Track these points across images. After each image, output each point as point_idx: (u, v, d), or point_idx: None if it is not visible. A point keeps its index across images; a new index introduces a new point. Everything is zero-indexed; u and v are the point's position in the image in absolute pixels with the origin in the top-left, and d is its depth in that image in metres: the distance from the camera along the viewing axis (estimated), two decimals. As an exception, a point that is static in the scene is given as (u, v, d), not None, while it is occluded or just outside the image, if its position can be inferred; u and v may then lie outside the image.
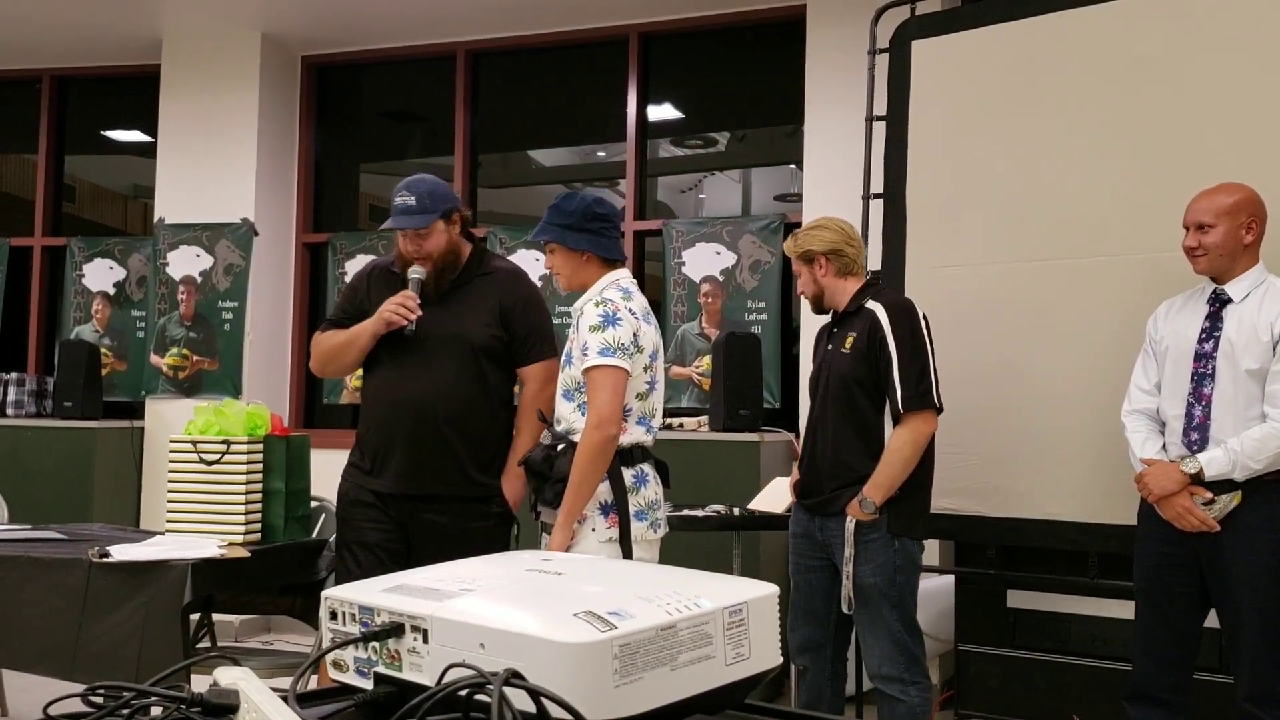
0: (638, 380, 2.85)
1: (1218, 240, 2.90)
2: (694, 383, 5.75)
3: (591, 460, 2.76)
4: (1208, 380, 2.90)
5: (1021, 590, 3.86)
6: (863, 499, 3.09)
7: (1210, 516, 2.84)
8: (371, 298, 3.21)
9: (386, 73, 6.88)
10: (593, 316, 2.82)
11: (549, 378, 3.15)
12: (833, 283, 3.25)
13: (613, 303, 2.83)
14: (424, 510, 3.13)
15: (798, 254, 3.28)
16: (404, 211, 3.10)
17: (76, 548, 3.24)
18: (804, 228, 3.34)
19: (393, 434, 3.13)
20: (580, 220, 2.91)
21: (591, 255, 2.92)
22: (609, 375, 2.77)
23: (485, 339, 3.15)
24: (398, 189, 3.13)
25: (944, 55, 3.98)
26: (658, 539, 2.92)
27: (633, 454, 2.86)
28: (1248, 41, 3.41)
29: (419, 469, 3.12)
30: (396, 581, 1.17)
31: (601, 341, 2.78)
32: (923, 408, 3.09)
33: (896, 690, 3.13)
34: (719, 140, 6.57)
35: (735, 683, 1.11)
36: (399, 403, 3.12)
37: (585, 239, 2.91)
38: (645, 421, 2.89)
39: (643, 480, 2.87)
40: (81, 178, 7.48)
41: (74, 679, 3.00)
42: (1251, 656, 2.83)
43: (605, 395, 2.76)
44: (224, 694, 0.99)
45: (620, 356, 2.78)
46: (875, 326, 3.13)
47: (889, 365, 3.10)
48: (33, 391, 6.46)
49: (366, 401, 3.24)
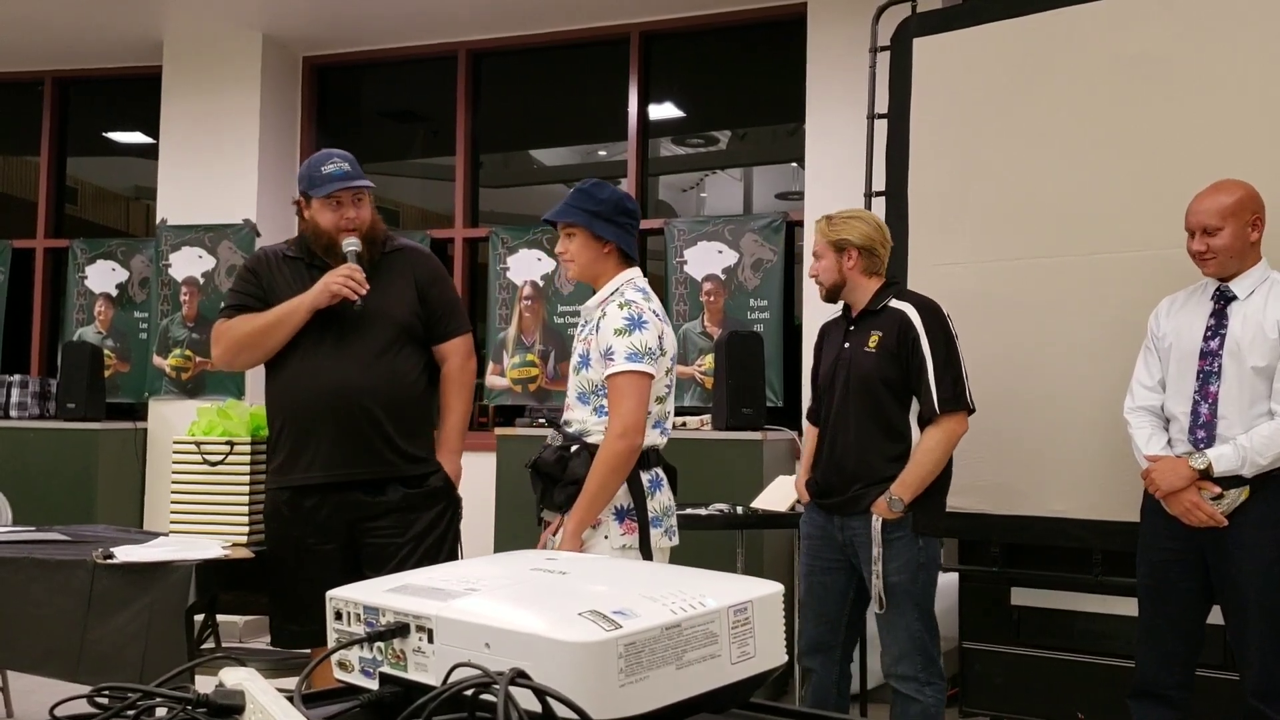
0: (658, 384, 2.77)
1: (1226, 242, 2.89)
2: (696, 381, 5.75)
3: (613, 470, 2.68)
4: (1214, 378, 2.89)
5: (1025, 588, 3.86)
6: (891, 498, 3.07)
7: (1218, 511, 2.84)
8: (277, 285, 3.05)
9: (388, 73, 6.89)
10: (617, 319, 2.72)
11: (469, 353, 3.13)
12: (857, 278, 3.21)
13: (637, 304, 2.74)
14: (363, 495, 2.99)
15: (831, 239, 3.21)
16: (346, 177, 2.98)
17: (80, 549, 3.24)
18: (842, 214, 3.27)
19: (318, 422, 2.96)
20: (611, 211, 2.80)
21: (614, 249, 2.82)
22: (636, 382, 2.68)
23: (407, 316, 3.05)
24: (323, 159, 3.02)
25: (945, 52, 3.97)
26: (669, 547, 2.82)
27: (648, 457, 2.77)
28: (1249, 37, 3.40)
29: (353, 456, 2.97)
30: (401, 581, 1.17)
31: (629, 346, 2.68)
32: (958, 409, 3.10)
33: (912, 689, 3.12)
34: (720, 139, 6.57)
35: (741, 681, 1.11)
36: (323, 389, 2.95)
37: (613, 230, 2.81)
38: (661, 425, 2.81)
39: (657, 485, 2.79)
40: (83, 179, 7.49)
41: (79, 680, 3.00)
42: (1258, 652, 2.83)
43: (631, 403, 2.67)
44: (229, 694, 1.00)
45: (647, 362, 2.69)
46: (907, 327, 3.11)
47: (921, 366, 3.09)
48: (36, 393, 6.47)
49: (279, 393, 3.04)
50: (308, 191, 3.03)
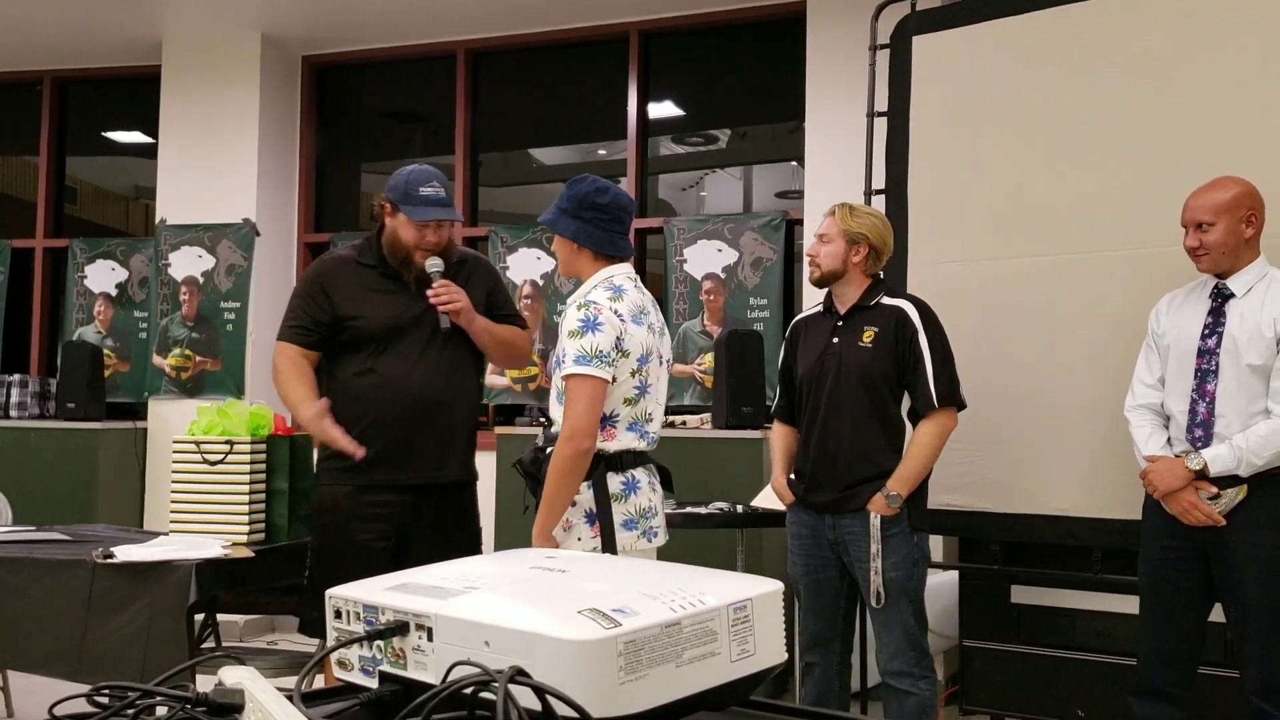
0: (625, 385, 2.70)
1: (1219, 238, 2.89)
2: (696, 380, 5.75)
3: (562, 474, 2.65)
4: (1211, 376, 2.89)
5: (1025, 586, 3.86)
6: (889, 494, 3.08)
7: (1216, 511, 2.84)
8: (347, 294, 3.12)
9: (387, 72, 6.88)
10: (573, 321, 2.69)
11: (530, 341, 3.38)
12: (857, 275, 3.22)
13: (596, 305, 2.68)
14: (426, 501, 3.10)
15: (847, 229, 3.21)
16: (441, 203, 3.08)
17: (81, 549, 3.25)
18: (863, 208, 3.31)
19: (404, 427, 3.05)
20: (576, 208, 2.77)
21: (583, 248, 2.78)
22: (584, 385, 2.64)
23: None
24: (422, 178, 3.09)
25: (945, 50, 3.97)
26: (652, 548, 2.79)
27: (622, 460, 2.73)
28: (1249, 35, 3.40)
29: (433, 461, 3.10)
30: (400, 580, 1.17)
31: (578, 349, 2.65)
32: (952, 404, 3.15)
33: (907, 684, 3.14)
34: (720, 138, 6.57)
35: (740, 679, 1.11)
36: (413, 395, 3.06)
37: (576, 227, 2.77)
38: (637, 427, 2.76)
39: (632, 487, 2.75)
40: (83, 179, 7.49)
41: (79, 680, 3.00)
42: (1259, 651, 2.83)
43: (580, 406, 2.64)
44: (229, 694, 1.00)
45: (597, 365, 2.64)
46: (904, 324, 3.14)
47: (918, 362, 3.12)
48: (35, 393, 6.47)
49: (367, 392, 3.08)
50: (399, 204, 3.10)
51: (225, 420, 3.40)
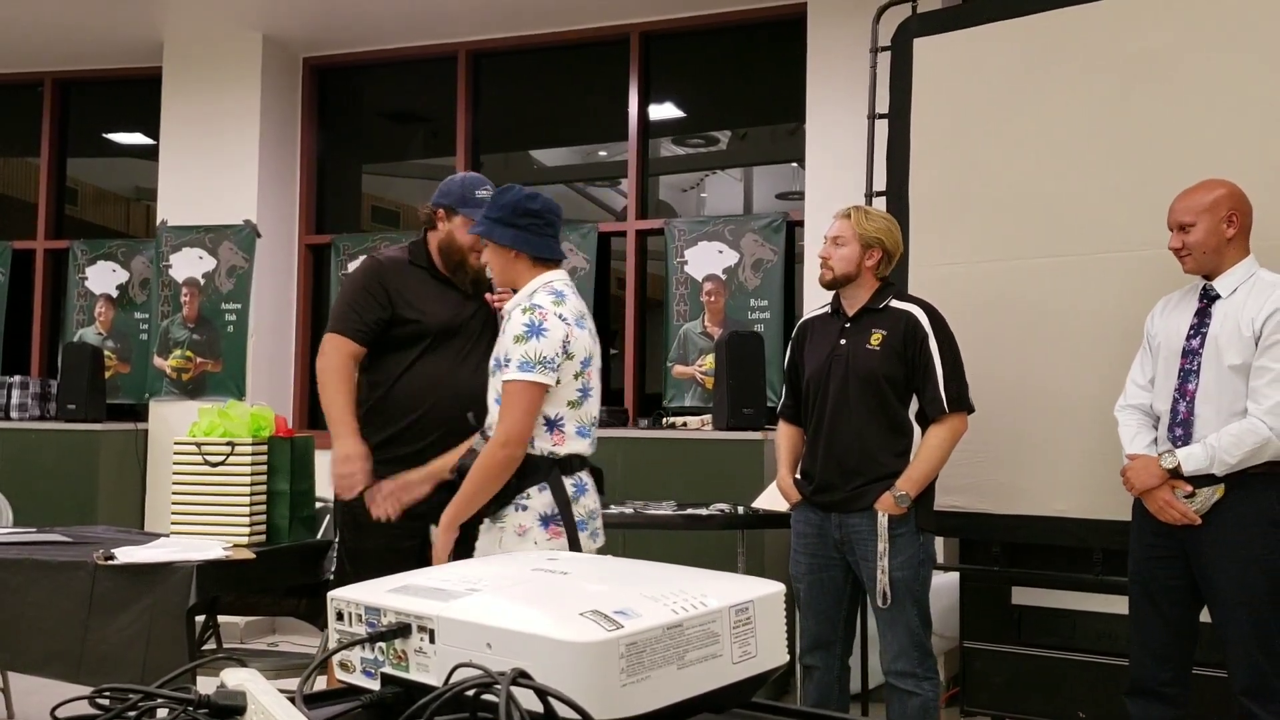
0: (568, 388, 2.71)
1: (1199, 238, 2.90)
2: (697, 381, 5.75)
3: (490, 476, 2.68)
4: (1193, 376, 2.91)
5: (1026, 587, 3.86)
6: (898, 494, 3.10)
7: (1192, 510, 2.85)
8: (405, 294, 3.16)
9: (388, 73, 6.88)
10: (518, 325, 2.68)
11: None
12: (868, 278, 3.24)
13: (541, 310, 2.69)
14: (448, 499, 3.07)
15: (865, 232, 3.22)
16: None
17: (81, 550, 3.25)
18: (877, 211, 3.35)
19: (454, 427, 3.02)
20: (510, 215, 2.76)
21: (520, 254, 2.78)
22: (525, 391, 2.65)
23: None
24: (477, 183, 3.13)
25: (946, 53, 3.97)
26: (595, 548, 2.82)
27: (571, 463, 2.75)
28: (1249, 37, 3.40)
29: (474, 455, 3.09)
30: (402, 582, 1.17)
31: (523, 355, 2.65)
32: (961, 408, 3.18)
33: (911, 685, 3.15)
34: (720, 139, 6.57)
35: (742, 681, 1.12)
36: (463, 394, 3.03)
37: (512, 235, 2.76)
38: (584, 430, 2.77)
39: (582, 489, 2.78)
40: (84, 180, 7.49)
41: (80, 681, 3.00)
42: (1242, 650, 2.83)
43: (518, 413, 2.65)
44: (231, 695, 1.00)
45: (540, 371, 2.65)
46: (914, 327, 3.17)
47: (928, 366, 3.14)
48: (36, 394, 6.47)
49: (423, 388, 3.12)
50: (455, 207, 3.13)
51: (226, 421, 3.40)
